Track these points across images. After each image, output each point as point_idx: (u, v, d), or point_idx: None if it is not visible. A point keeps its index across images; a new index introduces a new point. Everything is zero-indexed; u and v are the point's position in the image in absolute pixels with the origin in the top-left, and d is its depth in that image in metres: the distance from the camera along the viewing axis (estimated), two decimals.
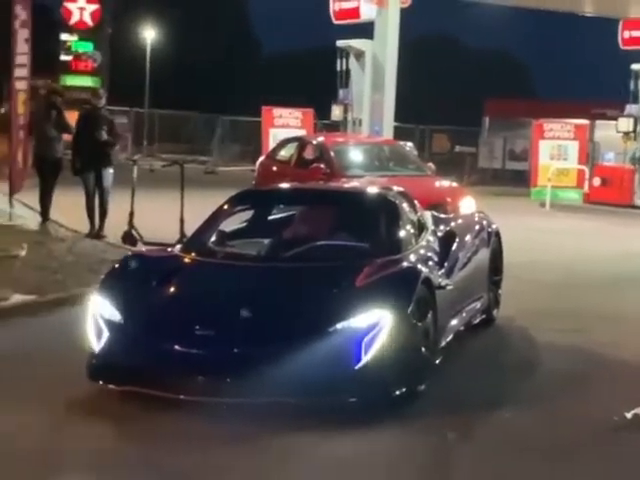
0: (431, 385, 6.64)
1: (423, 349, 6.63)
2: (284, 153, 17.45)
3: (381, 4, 22.93)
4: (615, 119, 25.42)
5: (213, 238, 7.73)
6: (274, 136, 25.73)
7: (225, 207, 8.16)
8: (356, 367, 6.07)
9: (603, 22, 30.37)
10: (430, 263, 7.55)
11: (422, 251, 7.69)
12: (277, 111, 27.80)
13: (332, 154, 15.06)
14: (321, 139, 16.80)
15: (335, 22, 24.62)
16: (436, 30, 72.28)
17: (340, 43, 23.88)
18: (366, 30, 23.86)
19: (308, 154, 16.29)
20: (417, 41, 57.25)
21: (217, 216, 8.04)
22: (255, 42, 72.02)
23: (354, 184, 11.46)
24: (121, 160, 14.89)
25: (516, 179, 32.09)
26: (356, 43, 23.55)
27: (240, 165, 32.18)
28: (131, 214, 12.99)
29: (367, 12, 23.44)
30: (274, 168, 16.79)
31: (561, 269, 12.90)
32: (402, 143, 18.04)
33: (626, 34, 26.58)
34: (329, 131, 24.25)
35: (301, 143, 16.88)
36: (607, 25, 29.53)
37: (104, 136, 13.50)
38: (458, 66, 68.31)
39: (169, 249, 7.76)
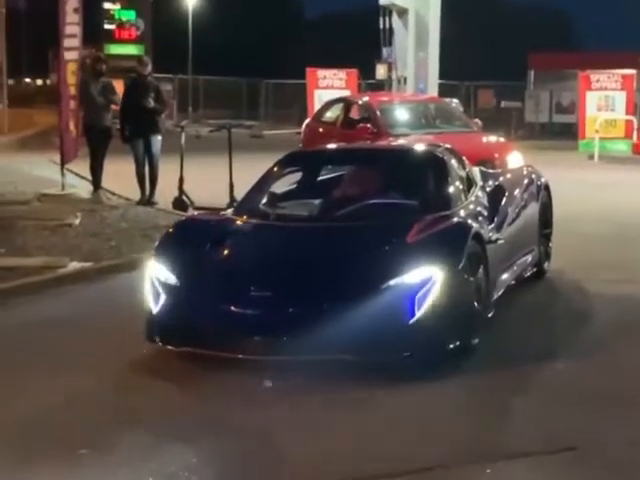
0: (484, 338, 6.71)
1: (475, 303, 6.69)
2: (330, 114, 17.46)
3: None
4: None
5: (264, 200, 7.83)
6: (319, 97, 25.73)
7: (274, 169, 8.24)
8: (410, 322, 6.15)
9: None
10: (480, 218, 7.58)
11: (472, 206, 7.72)
12: (321, 72, 27.75)
13: (378, 113, 15.06)
14: (366, 99, 16.79)
15: None
16: None
17: (383, 1, 23.71)
18: None
19: (354, 114, 16.30)
20: None
21: (267, 178, 8.13)
22: (297, 4, 71.74)
23: (401, 142, 11.46)
24: (168, 127, 14.98)
25: (564, 132, 31.78)
26: (399, 1, 23.37)
27: (286, 128, 32.22)
28: (181, 180, 13.12)
29: None
30: (320, 130, 16.82)
31: (611, 221, 12.81)
32: (448, 100, 17.96)
33: None
34: (373, 91, 24.19)
35: (346, 104, 16.87)
36: None
37: (151, 103, 13.62)
38: (502, 20, 67.56)
39: (221, 213, 7.87)
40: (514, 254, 8.23)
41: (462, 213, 7.39)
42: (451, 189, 7.71)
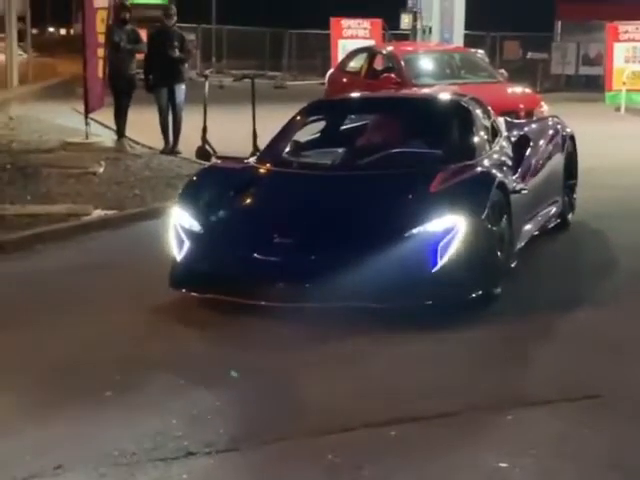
0: (507, 288, 6.71)
1: (498, 253, 6.68)
2: (354, 64, 17.35)
3: None
4: None
5: (287, 149, 7.82)
6: (343, 47, 25.54)
7: (298, 118, 8.22)
8: (432, 271, 6.16)
9: None
10: (504, 168, 7.54)
11: (496, 156, 7.68)
12: (345, 22, 27.55)
13: (402, 63, 14.96)
14: (391, 49, 16.67)
15: None
16: None
17: None
18: None
19: (378, 64, 16.20)
20: None
21: (290, 127, 8.11)
22: None
23: (426, 91, 11.39)
24: (191, 77, 14.95)
25: (590, 84, 31.44)
26: None
27: (309, 79, 32.07)
28: (204, 129, 13.11)
29: None
30: (344, 80, 16.73)
31: (637, 174, 12.73)
32: (473, 50, 17.80)
33: None
34: (398, 40, 24.00)
35: (371, 53, 16.76)
36: None
37: (176, 53, 13.60)
38: None
39: (244, 161, 7.87)
40: (538, 204, 8.17)
41: (486, 163, 7.35)
42: (475, 139, 7.66)
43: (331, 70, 18.81)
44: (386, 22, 27.48)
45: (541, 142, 8.69)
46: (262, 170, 7.45)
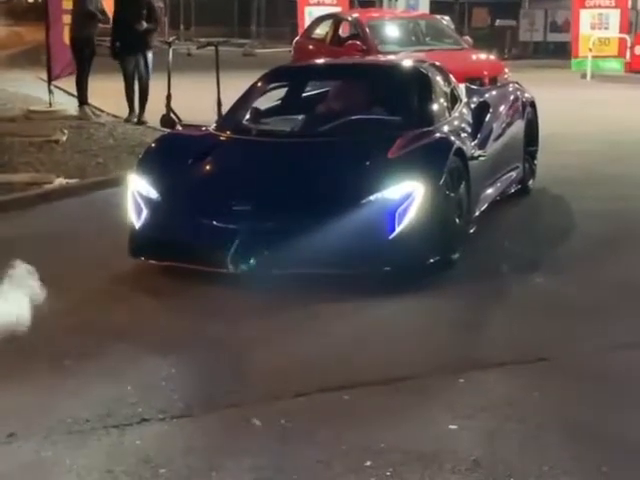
0: (466, 253, 6.77)
1: (456, 219, 6.73)
2: (319, 31, 17.30)
3: None
4: None
5: (247, 116, 7.80)
6: (310, 14, 25.36)
7: (258, 85, 8.20)
8: (390, 237, 6.19)
9: None
10: (463, 134, 7.56)
11: (455, 122, 7.71)
12: None
13: (367, 30, 14.94)
14: (356, 15, 16.62)
15: None
16: None
17: None
18: None
19: (343, 31, 16.17)
20: None
21: (250, 94, 8.09)
22: None
23: (387, 58, 11.36)
24: (157, 44, 14.84)
25: (558, 51, 31.49)
26: None
27: (278, 47, 31.94)
28: (168, 97, 13.04)
29: None
30: (310, 47, 16.69)
31: (602, 139, 12.78)
32: (438, 17, 17.76)
33: None
34: (364, 7, 23.91)
35: (336, 20, 16.72)
36: None
37: (143, 25, 13.36)
38: None
39: (203, 128, 7.84)
40: (498, 170, 8.21)
41: (445, 129, 7.35)
42: (434, 105, 7.67)
43: (297, 37, 18.74)
44: None
45: (501, 108, 8.71)
46: (221, 137, 7.41)
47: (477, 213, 7.47)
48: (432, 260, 6.38)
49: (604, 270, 6.79)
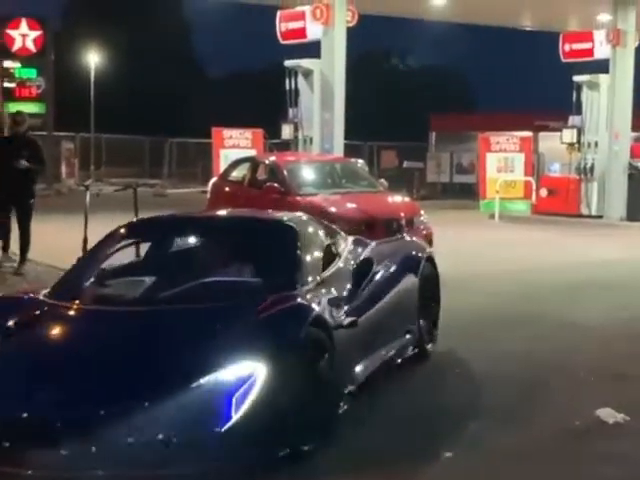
0: (333, 440, 5.82)
1: (312, 402, 5.67)
2: (236, 174, 17.48)
3: (327, 23, 23.04)
4: (558, 130, 25.84)
5: (91, 278, 6.82)
6: (225, 157, 25.79)
7: (109, 240, 7.24)
8: (223, 428, 5.19)
9: (545, 36, 30.85)
10: (334, 298, 6.58)
11: (326, 284, 6.71)
12: (227, 132, 27.84)
13: (285, 173, 15.16)
14: (273, 158, 16.90)
15: (282, 42, 24.72)
16: (381, 47, 73.20)
17: (288, 63, 24.00)
18: (313, 49, 24.02)
19: (261, 174, 16.37)
20: (363, 58, 57.77)
21: (96, 253, 7.17)
22: (202, 64, 72.13)
23: (257, 211, 9.51)
24: (70, 186, 14.47)
25: (464, 192, 32.53)
26: (304, 62, 23.69)
27: (190, 187, 32.21)
28: (85, 241, 12.37)
29: (314, 32, 23.54)
30: (227, 189, 16.84)
31: (513, 279, 13.07)
32: (353, 160, 18.17)
33: (566, 47, 26.95)
34: (279, 150, 24.36)
35: (253, 163, 16.94)
36: (548, 38, 30.03)
37: (23, 165, 12.42)
38: (404, 82, 69.03)
39: (31, 294, 6.74)
40: (381, 336, 7.27)
41: (309, 293, 6.36)
42: (301, 265, 6.72)
43: (214, 179, 18.91)
44: (267, 132, 27.91)
45: (386, 266, 7.71)
46: (49, 305, 6.31)
47: (351, 388, 6.48)
48: (281, 453, 5.40)
49: (528, 413, 6.73)
